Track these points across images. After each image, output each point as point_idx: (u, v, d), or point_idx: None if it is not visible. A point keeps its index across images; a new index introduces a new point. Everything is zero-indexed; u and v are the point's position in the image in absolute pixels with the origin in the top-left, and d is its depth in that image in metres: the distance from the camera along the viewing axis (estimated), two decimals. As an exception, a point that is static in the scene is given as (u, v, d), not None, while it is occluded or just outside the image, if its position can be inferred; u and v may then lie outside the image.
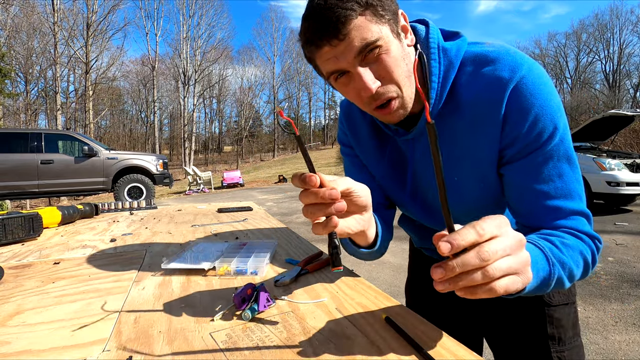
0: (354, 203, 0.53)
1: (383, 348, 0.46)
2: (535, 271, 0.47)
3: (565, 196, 0.59)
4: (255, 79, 44.53)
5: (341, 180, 0.50)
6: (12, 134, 8.18)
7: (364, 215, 0.56)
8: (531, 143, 0.59)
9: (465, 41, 0.65)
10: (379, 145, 0.77)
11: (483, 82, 0.60)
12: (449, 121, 0.65)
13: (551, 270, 0.51)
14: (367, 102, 0.60)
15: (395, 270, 3.74)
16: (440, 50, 0.63)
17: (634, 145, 14.44)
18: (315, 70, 0.64)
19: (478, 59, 0.62)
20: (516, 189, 0.63)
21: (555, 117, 0.58)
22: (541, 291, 0.52)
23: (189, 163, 28.40)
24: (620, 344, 2.21)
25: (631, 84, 35.91)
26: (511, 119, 0.59)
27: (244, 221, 1.40)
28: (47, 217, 1.27)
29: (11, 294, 0.67)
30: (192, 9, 32.20)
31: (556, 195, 0.59)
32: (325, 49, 0.56)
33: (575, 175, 0.60)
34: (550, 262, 0.51)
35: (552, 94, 0.58)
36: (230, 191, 14.63)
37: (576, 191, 0.60)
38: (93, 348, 0.47)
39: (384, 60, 0.56)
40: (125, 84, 36.70)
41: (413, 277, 1.04)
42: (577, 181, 0.60)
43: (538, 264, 0.49)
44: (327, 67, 0.58)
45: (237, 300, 0.56)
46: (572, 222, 0.59)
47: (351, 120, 0.81)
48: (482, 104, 0.60)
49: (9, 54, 19.62)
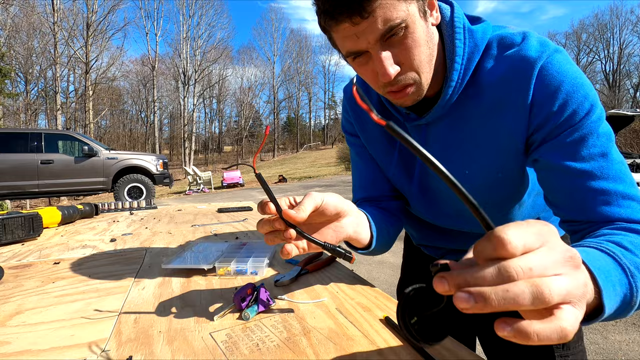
0: (325, 214, 0.53)
1: (383, 348, 0.46)
2: (611, 286, 0.36)
3: (613, 178, 0.51)
4: (255, 79, 44.61)
5: (307, 200, 0.50)
6: (12, 134, 8.18)
7: (340, 222, 0.55)
8: (565, 122, 0.53)
9: (489, 25, 0.62)
10: (387, 132, 0.74)
11: (507, 64, 0.57)
12: (468, 106, 0.62)
13: (631, 283, 0.38)
14: (383, 86, 0.58)
15: (395, 270, 3.74)
16: (466, 31, 0.60)
17: (634, 145, 14.43)
18: (329, 40, 0.60)
19: (503, 42, 0.59)
20: (553, 173, 0.55)
21: (589, 94, 0.53)
22: (621, 315, 0.40)
23: (189, 163, 28.40)
24: (620, 344, 2.21)
25: (631, 84, 35.96)
26: (539, 99, 0.54)
27: (244, 221, 1.40)
28: (47, 217, 1.27)
29: (11, 294, 0.67)
30: (192, 9, 32.23)
31: (601, 176, 0.51)
32: (344, 25, 0.51)
33: (620, 157, 0.53)
34: (628, 273, 0.39)
35: (581, 73, 0.54)
36: (230, 191, 14.63)
37: (625, 173, 0.52)
38: (93, 348, 0.47)
39: (407, 45, 0.53)
40: (125, 84, 36.72)
41: (407, 276, 1.01)
42: (623, 163, 0.52)
43: (612, 275, 0.37)
44: (345, 44, 0.55)
45: (237, 300, 0.56)
46: (626, 211, 0.50)
47: (357, 107, 0.78)
48: (506, 86, 0.57)
49: (9, 53, 19.63)
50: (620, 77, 36.27)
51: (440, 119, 0.65)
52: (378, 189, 0.78)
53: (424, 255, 0.92)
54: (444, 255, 0.85)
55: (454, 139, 0.65)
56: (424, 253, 0.92)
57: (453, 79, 0.59)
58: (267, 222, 0.49)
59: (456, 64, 0.59)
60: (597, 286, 0.34)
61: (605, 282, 0.35)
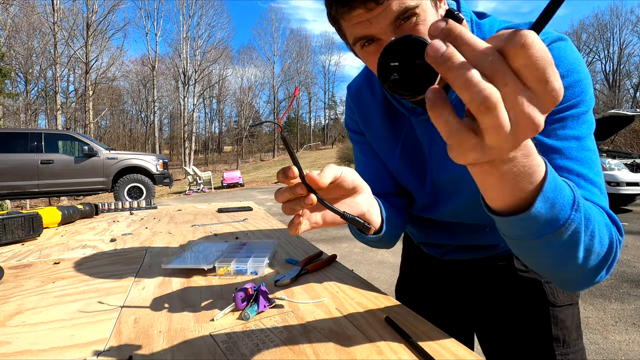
0: (342, 187, 0.51)
1: (383, 348, 0.46)
2: (554, 186, 0.35)
3: (581, 161, 0.51)
4: (255, 79, 44.61)
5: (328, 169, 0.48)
6: (12, 134, 8.18)
7: (356, 198, 0.54)
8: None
9: (496, 19, 0.62)
10: (392, 128, 0.74)
11: None
12: None
13: (575, 200, 0.37)
14: None
15: (395, 270, 3.74)
16: (474, 24, 0.60)
17: (634, 145, 14.44)
18: (337, 32, 0.59)
19: None
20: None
21: (582, 81, 0.52)
22: (545, 236, 0.37)
23: (189, 163, 28.41)
24: (620, 344, 2.21)
25: (631, 84, 35.96)
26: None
27: (244, 221, 1.40)
28: (47, 217, 1.27)
29: (11, 294, 0.67)
30: (192, 9, 32.25)
31: (569, 156, 0.51)
32: (358, 12, 0.51)
33: (594, 147, 0.52)
34: (576, 201, 0.37)
35: (580, 62, 0.54)
36: (230, 191, 14.63)
37: (594, 162, 0.51)
38: (93, 348, 0.47)
39: (419, 31, 0.52)
40: (125, 84, 36.77)
41: (406, 275, 1.00)
42: (595, 153, 0.52)
43: (560, 188, 0.36)
44: (356, 31, 0.54)
45: (237, 300, 0.56)
46: (588, 193, 0.49)
47: (361, 104, 0.77)
48: None
49: (9, 53, 19.64)
50: (620, 77, 36.28)
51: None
52: (383, 186, 0.78)
53: (424, 255, 0.92)
54: (444, 255, 0.85)
55: None
56: (423, 252, 0.92)
57: None
58: (287, 189, 0.46)
59: None
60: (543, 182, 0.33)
61: (550, 179, 0.34)
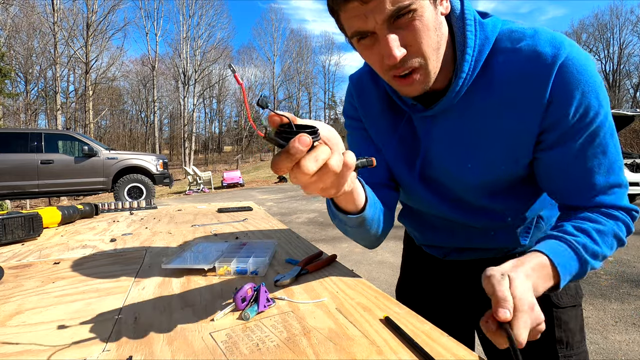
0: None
1: (383, 348, 0.46)
2: (568, 272, 0.53)
3: (608, 171, 0.59)
4: (255, 79, 44.57)
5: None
6: (12, 134, 8.18)
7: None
8: (577, 124, 0.57)
9: (499, 19, 0.63)
10: (391, 120, 0.74)
11: (522, 58, 0.57)
12: (476, 100, 0.62)
13: (582, 267, 0.56)
14: (387, 70, 0.57)
15: (395, 270, 3.74)
16: (477, 23, 0.60)
17: (634, 145, 14.45)
18: (336, 24, 0.59)
19: (514, 35, 0.59)
20: (557, 170, 0.61)
21: (600, 95, 0.56)
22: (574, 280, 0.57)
23: (189, 163, 28.40)
24: (620, 344, 2.21)
25: (631, 84, 35.95)
26: (558, 98, 0.56)
27: (244, 221, 1.40)
28: (47, 217, 1.27)
29: (11, 294, 0.67)
30: (192, 9, 32.19)
31: (600, 172, 0.59)
32: (354, 4, 0.51)
33: (616, 147, 0.59)
34: (581, 260, 0.55)
35: (596, 73, 0.56)
36: (230, 191, 14.63)
37: (617, 163, 0.59)
38: (93, 348, 0.47)
39: (415, 27, 0.53)
40: (125, 84, 36.68)
41: (407, 275, 1.00)
42: (618, 152, 0.59)
43: (569, 264, 0.54)
44: (353, 24, 0.54)
45: (237, 300, 0.56)
46: (612, 198, 0.59)
47: (363, 94, 0.77)
48: (521, 80, 0.58)
49: (9, 53, 19.64)
50: (620, 77, 36.24)
51: (447, 111, 0.64)
52: (376, 175, 0.76)
53: (425, 255, 0.92)
54: (446, 255, 0.85)
55: (459, 132, 0.65)
56: (424, 253, 0.92)
57: (464, 70, 0.59)
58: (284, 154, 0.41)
59: (467, 55, 0.59)
60: (555, 267, 0.52)
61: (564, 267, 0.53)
